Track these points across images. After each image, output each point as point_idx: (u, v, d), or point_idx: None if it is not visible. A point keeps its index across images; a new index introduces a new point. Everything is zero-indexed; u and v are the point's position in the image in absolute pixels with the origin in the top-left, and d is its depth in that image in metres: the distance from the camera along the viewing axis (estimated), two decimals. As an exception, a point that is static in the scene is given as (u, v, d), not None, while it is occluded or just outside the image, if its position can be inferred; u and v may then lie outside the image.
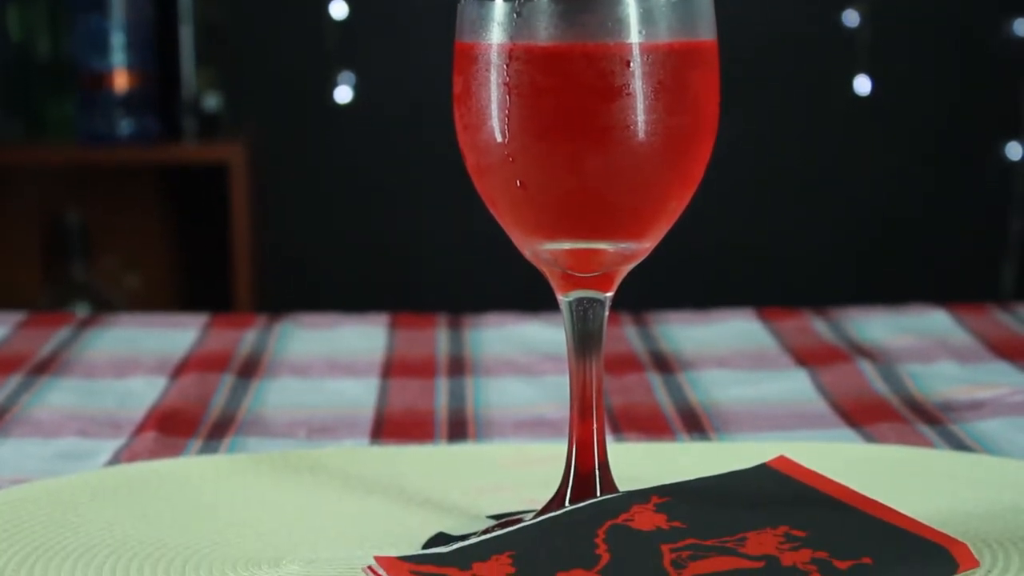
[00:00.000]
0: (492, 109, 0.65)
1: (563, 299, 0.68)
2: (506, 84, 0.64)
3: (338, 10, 2.48)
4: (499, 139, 0.65)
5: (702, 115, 0.66)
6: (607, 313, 0.68)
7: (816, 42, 2.49)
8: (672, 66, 0.64)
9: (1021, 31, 2.48)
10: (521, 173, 0.65)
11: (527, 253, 0.68)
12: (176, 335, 1.16)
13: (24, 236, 2.55)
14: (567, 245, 0.67)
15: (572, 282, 0.67)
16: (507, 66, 0.64)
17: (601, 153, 0.64)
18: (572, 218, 0.66)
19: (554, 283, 0.68)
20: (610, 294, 0.68)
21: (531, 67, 0.64)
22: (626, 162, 0.64)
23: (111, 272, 2.54)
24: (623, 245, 0.67)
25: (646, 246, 0.67)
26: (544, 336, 1.14)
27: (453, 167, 0.94)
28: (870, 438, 0.87)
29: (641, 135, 0.64)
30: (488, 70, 0.65)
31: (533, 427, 0.91)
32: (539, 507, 0.69)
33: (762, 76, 2.48)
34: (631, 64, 0.63)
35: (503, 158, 0.65)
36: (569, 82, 0.64)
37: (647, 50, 0.64)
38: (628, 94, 0.64)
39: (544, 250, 0.67)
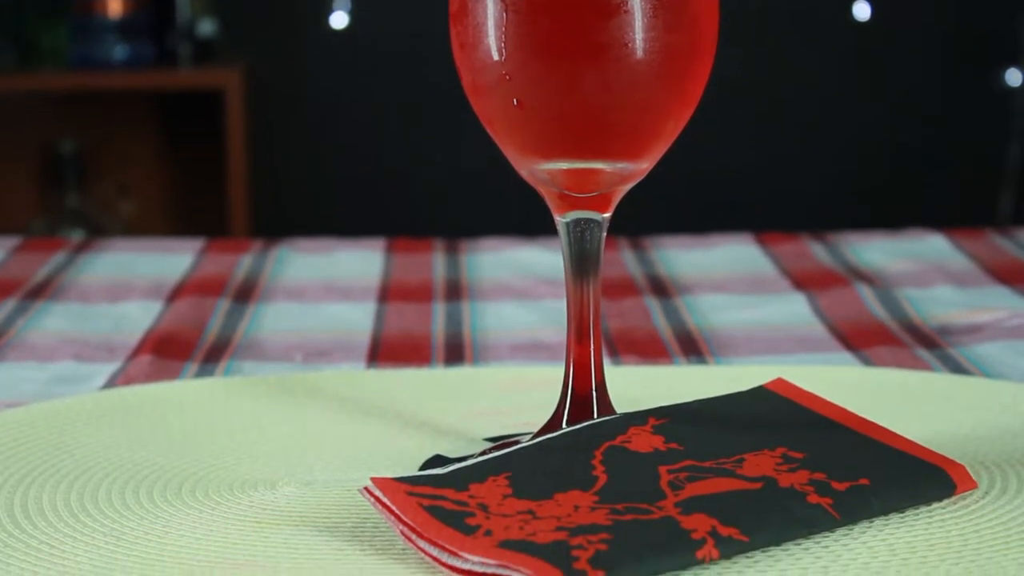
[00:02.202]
0: (489, 27, 0.64)
1: (560, 220, 0.67)
2: (503, 1, 0.64)
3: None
4: (496, 57, 0.64)
5: (701, 33, 0.65)
6: (604, 234, 0.68)
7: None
8: (671, -18, 0.63)
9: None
10: (518, 91, 0.64)
11: (524, 174, 0.67)
12: (172, 260, 1.15)
13: (18, 163, 2.54)
14: (564, 165, 0.66)
15: (569, 203, 0.67)
16: (504, -17, 0.63)
17: (598, 71, 0.63)
18: (569, 137, 0.65)
19: (551, 204, 0.67)
20: (607, 215, 0.67)
21: (528, -16, 0.63)
22: (624, 80, 0.63)
23: (106, 199, 2.54)
24: (620, 165, 0.66)
25: (644, 166, 0.67)
26: (541, 260, 1.14)
27: (450, 91, 0.93)
28: (868, 362, 0.87)
29: (639, 53, 0.63)
30: (485, -13, 0.64)
31: (530, 351, 0.91)
32: (536, 430, 0.69)
33: (761, 0, 2.46)
34: (629, -20, 0.63)
35: (500, 77, 0.64)
36: (567, -2, 0.63)
37: (645, -34, 0.63)
38: (626, 11, 0.63)
39: (541, 170, 0.66)
